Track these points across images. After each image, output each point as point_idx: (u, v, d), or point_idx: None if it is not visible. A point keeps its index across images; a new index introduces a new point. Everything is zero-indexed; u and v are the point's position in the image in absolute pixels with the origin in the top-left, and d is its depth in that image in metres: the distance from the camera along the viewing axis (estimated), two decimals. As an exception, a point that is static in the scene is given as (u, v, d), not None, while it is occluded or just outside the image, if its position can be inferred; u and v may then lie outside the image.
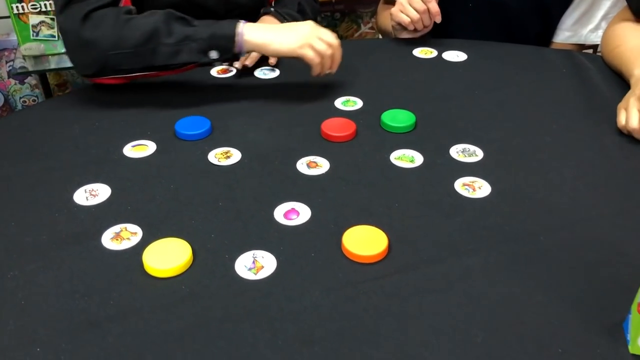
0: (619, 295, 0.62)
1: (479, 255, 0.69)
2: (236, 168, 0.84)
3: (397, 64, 1.14)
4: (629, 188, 0.79)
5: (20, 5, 1.70)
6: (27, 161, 0.86)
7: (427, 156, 0.86)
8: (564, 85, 1.05)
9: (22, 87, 2.02)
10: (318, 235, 0.72)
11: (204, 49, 0.94)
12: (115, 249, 0.70)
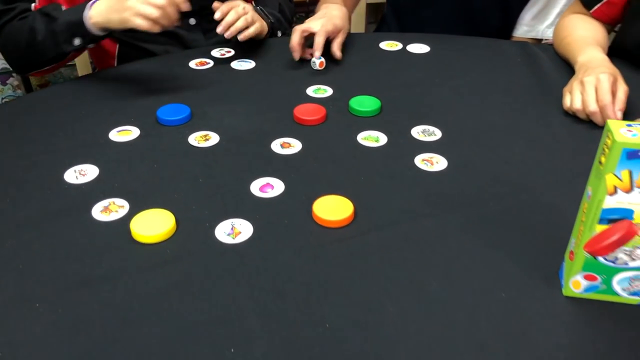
0: (556, 250, 0.70)
1: (435, 219, 0.76)
2: (215, 149, 0.91)
3: (365, 56, 1.22)
4: (571, 161, 0.88)
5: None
6: (18, 147, 0.92)
7: (391, 136, 0.94)
8: (517, 72, 1.14)
9: (4, 88, 2.06)
10: (290, 205, 0.79)
11: (68, 38, 1.05)
12: (104, 220, 0.76)
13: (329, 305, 0.64)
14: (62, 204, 0.79)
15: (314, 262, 0.70)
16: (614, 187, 0.57)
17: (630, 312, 0.64)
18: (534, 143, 0.92)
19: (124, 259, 0.70)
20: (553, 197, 0.80)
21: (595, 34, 1.15)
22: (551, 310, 0.64)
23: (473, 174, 0.85)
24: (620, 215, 0.59)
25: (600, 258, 0.62)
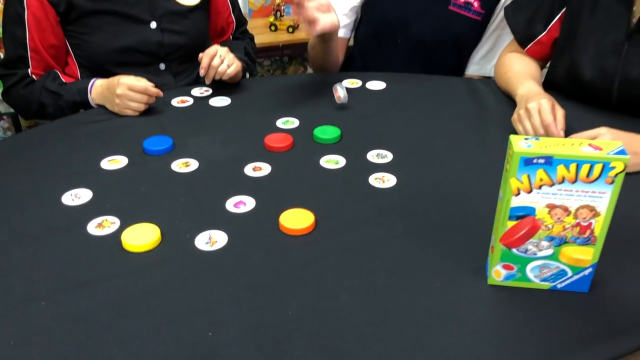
0: (485, 249, 0.83)
1: (383, 226, 0.90)
2: (195, 174, 1.04)
3: (328, 92, 1.36)
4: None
5: None
6: (20, 175, 1.04)
7: (349, 160, 1.07)
8: (462, 104, 1.30)
9: (-5, 130, 2.17)
10: (260, 218, 0.92)
11: (74, 110, 1.29)
12: (98, 235, 0.88)
13: (291, 295, 0.76)
14: (61, 222, 0.91)
15: (279, 262, 0.82)
16: (517, 189, 0.71)
17: (542, 295, 0.77)
18: (472, 162, 1.07)
19: (116, 265, 0.82)
20: (486, 207, 0.93)
21: (531, 69, 1.32)
22: (478, 295, 0.77)
23: (418, 189, 0.99)
24: (525, 212, 0.72)
25: (513, 250, 0.75)
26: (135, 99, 1.20)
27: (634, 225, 0.90)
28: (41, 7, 1.26)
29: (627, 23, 1.15)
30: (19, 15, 1.25)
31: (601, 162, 0.67)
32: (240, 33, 1.58)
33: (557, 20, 1.28)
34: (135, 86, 1.19)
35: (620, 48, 1.16)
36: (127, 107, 1.21)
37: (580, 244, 0.73)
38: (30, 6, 1.25)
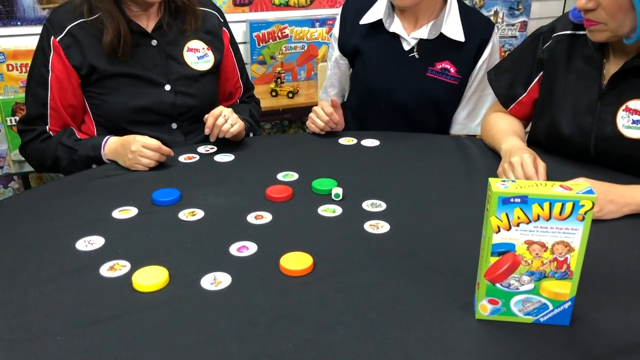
0: (473, 287, 0.89)
1: (377, 267, 0.96)
2: (200, 222, 1.11)
3: (326, 149, 1.45)
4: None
5: (13, 118, 2.00)
6: (37, 224, 1.11)
7: (345, 208, 1.15)
8: (451, 158, 1.38)
9: (6, 191, 2.25)
10: (262, 261, 0.98)
11: (87, 165, 1.38)
12: (110, 277, 0.94)
13: (291, 330, 0.82)
14: (75, 266, 0.97)
15: (280, 300, 0.88)
16: (497, 227, 0.78)
17: (526, 329, 0.82)
18: (460, 211, 1.14)
19: (126, 303, 0.87)
20: (473, 251, 0.99)
21: (514, 126, 1.41)
22: (466, 329, 0.82)
23: (410, 235, 1.06)
24: (506, 249, 0.79)
25: (497, 285, 0.81)
26: (147, 156, 1.29)
27: (609, 265, 0.97)
28: (65, 70, 1.37)
29: (599, 84, 1.25)
30: (44, 77, 1.36)
31: (571, 200, 0.75)
32: (247, 97, 1.69)
33: (535, 83, 1.39)
34: (149, 144, 1.28)
35: (594, 107, 1.26)
36: (138, 163, 1.29)
37: (559, 278, 0.80)
38: (55, 69, 1.36)
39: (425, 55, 1.54)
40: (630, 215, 1.11)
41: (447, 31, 1.51)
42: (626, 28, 1.12)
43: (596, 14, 1.13)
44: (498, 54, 1.58)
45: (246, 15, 2.48)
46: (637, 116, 1.21)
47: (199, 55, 1.50)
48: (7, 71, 2.15)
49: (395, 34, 1.54)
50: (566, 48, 1.31)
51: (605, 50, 1.25)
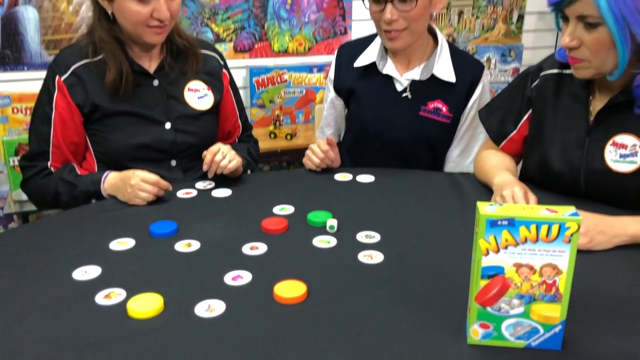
0: (465, 313, 0.90)
1: (371, 295, 0.97)
2: (196, 253, 1.12)
3: (322, 184, 1.48)
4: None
5: (16, 158, 2.03)
6: (35, 254, 1.12)
7: (340, 240, 1.16)
8: (444, 193, 1.41)
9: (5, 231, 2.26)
10: (256, 289, 0.99)
11: (87, 200, 1.39)
12: (105, 304, 0.95)
13: (284, 355, 0.82)
14: (71, 294, 0.98)
15: (273, 327, 0.89)
16: (486, 249, 0.79)
17: (518, 353, 0.82)
18: (454, 243, 1.15)
19: (121, 329, 0.88)
20: (466, 279, 1.00)
21: (506, 162, 1.44)
22: (458, 354, 0.83)
23: (404, 265, 1.07)
24: (495, 272, 0.80)
25: (488, 308, 0.82)
26: (146, 190, 1.31)
27: (599, 293, 0.98)
28: (68, 108, 1.41)
29: (586, 121, 1.29)
30: (47, 115, 1.40)
31: (557, 222, 0.77)
32: (245, 137, 1.72)
33: (525, 120, 1.42)
34: (148, 178, 1.31)
35: (582, 142, 1.29)
36: (137, 197, 1.32)
37: (548, 301, 0.80)
38: (58, 107, 1.40)
39: (418, 95, 1.58)
40: (621, 246, 1.12)
41: (438, 72, 1.56)
42: (609, 65, 1.16)
43: (580, 52, 1.17)
44: (489, 94, 1.63)
45: (246, 61, 2.56)
46: (624, 150, 1.24)
47: (199, 95, 1.54)
48: (12, 114, 2.21)
49: (389, 75, 1.59)
50: (553, 86, 1.36)
51: (591, 88, 1.30)
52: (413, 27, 1.48)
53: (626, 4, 1.07)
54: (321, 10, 2.64)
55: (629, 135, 1.23)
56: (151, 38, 1.39)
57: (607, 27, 1.10)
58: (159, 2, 1.34)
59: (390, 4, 1.44)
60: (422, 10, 1.46)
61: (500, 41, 3.00)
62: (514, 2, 3.02)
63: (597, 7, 1.09)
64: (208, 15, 2.47)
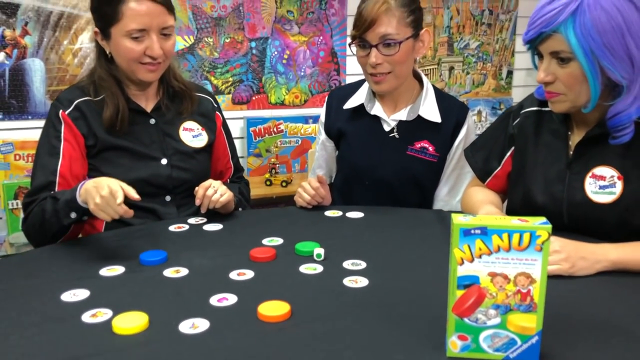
0: (445, 329, 0.91)
1: (354, 315, 0.98)
2: (184, 279, 1.14)
3: (312, 220, 1.51)
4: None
5: (15, 202, 2.07)
6: (24, 280, 1.14)
7: (326, 267, 1.18)
8: (430, 227, 1.43)
9: (-1, 275, 2.27)
10: (241, 309, 1.00)
11: (67, 213, 1.33)
12: (92, 322, 0.96)
13: (265, 367, 0.83)
14: (59, 313, 0.99)
15: (256, 343, 0.90)
16: (461, 259, 0.82)
17: (497, 365, 0.83)
18: (438, 269, 1.15)
19: (106, 344, 0.89)
20: (442, 301, 1.02)
21: (491, 197, 1.48)
22: (437, 366, 0.83)
23: (388, 288, 1.08)
24: (471, 281, 0.82)
25: (465, 319, 0.83)
26: (113, 208, 1.24)
27: (579, 312, 0.99)
28: (75, 140, 1.46)
29: (566, 154, 1.33)
30: (55, 147, 1.44)
31: (528, 231, 0.79)
32: (237, 178, 1.77)
33: (508, 157, 1.47)
34: (116, 192, 1.23)
35: (563, 176, 1.33)
36: (103, 211, 1.25)
37: (524, 311, 0.82)
38: (66, 139, 1.45)
39: (405, 135, 1.64)
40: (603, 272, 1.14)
41: (424, 113, 1.62)
42: (583, 98, 1.22)
43: (555, 86, 1.23)
44: (474, 134, 1.68)
45: (244, 113, 2.65)
46: (602, 182, 1.27)
47: (193, 134, 1.60)
48: (14, 160, 2.27)
49: (377, 116, 1.65)
50: (533, 123, 1.41)
51: (569, 123, 1.35)
52: (397, 70, 1.56)
53: (594, 40, 1.14)
54: (316, 65, 2.75)
55: (606, 167, 1.27)
56: (144, 75, 1.47)
57: (578, 61, 1.16)
58: (152, 40, 1.42)
59: (375, 49, 1.52)
60: (405, 54, 1.54)
61: (490, 95, 3.10)
62: (503, 59, 3.14)
63: (567, 43, 1.16)
64: (208, 68, 2.57)
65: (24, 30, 2.28)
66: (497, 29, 3.09)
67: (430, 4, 2.92)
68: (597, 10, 1.13)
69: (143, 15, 1.40)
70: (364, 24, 1.52)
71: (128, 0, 1.40)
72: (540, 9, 1.19)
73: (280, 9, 2.65)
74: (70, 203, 1.33)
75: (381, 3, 1.51)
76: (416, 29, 1.57)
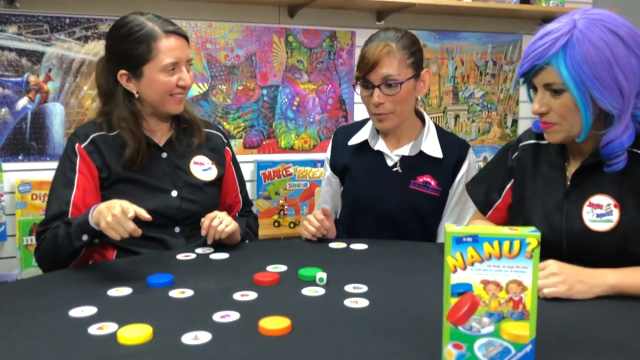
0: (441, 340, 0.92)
1: (353, 329, 1.00)
2: (189, 299, 1.17)
3: (316, 250, 1.54)
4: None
5: (30, 238, 2.13)
6: (35, 298, 1.18)
7: (328, 290, 1.20)
8: (432, 258, 1.45)
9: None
10: (243, 325, 1.03)
11: (78, 235, 1.39)
12: (98, 334, 0.99)
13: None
14: (66, 326, 1.03)
15: (256, 355, 0.92)
16: (454, 267, 0.85)
17: (492, 374, 0.84)
18: (437, 293, 1.18)
19: (111, 354, 0.92)
20: (439, 319, 1.04)
21: (492, 230, 1.50)
22: (433, 375, 0.85)
23: (388, 308, 1.10)
24: (464, 289, 0.85)
25: (460, 328, 0.85)
26: (123, 225, 1.29)
27: (573, 329, 1.00)
28: (89, 172, 1.53)
29: (564, 185, 1.37)
30: (70, 178, 1.51)
31: (518, 238, 0.82)
32: (245, 212, 1.82)
33: (508, 189, 1.51)
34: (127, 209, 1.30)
35: (561, 205, 1.36)
36: (114, 229, 1.30)
37: (517, 319, 0.84)
38: (81, 171, 1.51)
39: (408, 169, 1.69)
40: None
41: (426, 149, 1.68)
42: (577, 128, 1.26)
43: (550, 117, 1.28)
44: (475, 170, 1.72)
45: (255, 156, 2.72)
46: (599, 210, 1.30)
47: (203, 168, 1.66)
48: (31, 200, 2.34)
49: (380, 151, 1.71)
50: (531, 155, 1.45)
51: (565, 154, 1.39)
52: (399, 109, 1.63)
53: (584, 72, 1.19)
54: (325, 111, 2.84)
55: (603, 195, 1.30)
56: (174, 107, 1.57)
57: (570, 92, 1.22)
58: (183, 71, 1.54)
59: (377, 89, 1.60)
60: (406, 94, 1.61)
61: (496, 142, 3.16)
62: (508, 108, 3.22)
63: (559, 75, 1.21)
64: (221, 114, 2.67)
65: (47, 76, 2.40)
66: (501, 79, 3.18)
67: (436, 55, 3.03)
68: (585, 44, 1.19)
69: (175, 50, 1.53)
70: (367, 65, 1.60)
71: (160, 39, 1.52)
72: (532, 44, 1.26)
73: (291, 59, 2.76)
74: (83, 225, 1.38)
75: (383, 46, 1.59)
76: (417, 69, 1.64)
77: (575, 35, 1.20)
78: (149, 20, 1.54)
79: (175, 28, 1.56)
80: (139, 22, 1.53)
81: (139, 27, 1.52)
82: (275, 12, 2.73)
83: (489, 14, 3.04)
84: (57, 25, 2.40)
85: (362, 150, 1.74)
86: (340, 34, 2.83)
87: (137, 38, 1.52)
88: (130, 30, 1.53)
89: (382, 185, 1.69)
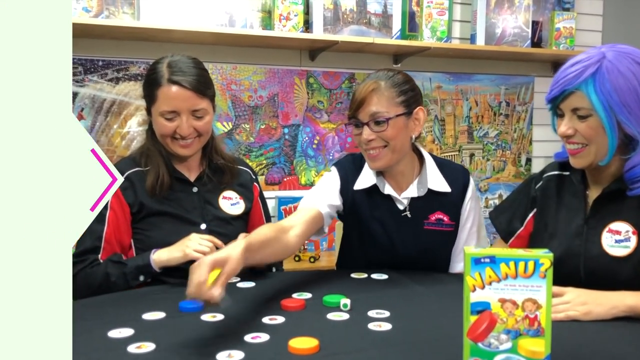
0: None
1: (377, 350, 1.06)
2: (221, 321, 1.23)
3: (339, 281, 1.60)
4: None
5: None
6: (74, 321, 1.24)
7: (352, 315, 1.26)
8: (454, 284, 1.50)
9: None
10: (273, 345, 1.09)
11: (135, 276, 1.53)
12: (138, 352, 1.06)
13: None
14: (106, 346, 1.10)
15: (287, 368, 0.98)
16: (473, 286, 0.91)
17: (511, 389, 0.89)
18: (459, 317, 1.24)
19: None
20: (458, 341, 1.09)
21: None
22: (454, 389, 0.90)
23: (411, 331, 1.16)
24: (483, 307, 0.90)
25: (479, 344, 0.91)
26: (204, 243, 1.50)
27: (587, 346, 1.04)
28: (121, 209, 1.62)
29: (584, 211, 1.43)
30: (102, 214, 1.59)
31: (532, 259, 0.89)
32: None
33: (530, 217, 1.56)
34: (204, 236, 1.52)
35: (581, 231, 1.41)
36: (195, 248, 1.48)
37: (533, 335, 0.89)
38: (113, 207, 1.60)
39: (418, 211, 1.70)
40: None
41: (433, 186, 1.69)
42: (603, 151, 1.33)
43: (576, 138, 1.35)
44: (476, 192, 1.77)
45: (276, 193, 2.81)
46: (618, 236, 1.36)
47: (232, 202, 1.75)
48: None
49: (389, 195, 1.71)
50: (555, 186, 1.52)
51: (586, 182, 1.46)
52: (392, 145, 1.62)
53: (612, 98, 1.28)
54: (344, 149, 2.94)
55: (622, 222, 1.36)
56: (178, 150, 1.65)
57: (597, 116, 1.30)
58: (181, 120, 1.60)
59: (366, 126, 1.61)
60: (395, 131, 1.60)
61: (511, 180, 3.22)
62: (521, 147, 3.29)
63: (588, 100, 1.30)
64: (244, 151, 2.77)
65: (80, 115, 2.53)
66: (514, 119, 3.26)
67: (451, 96, 3.13)
68: (614, 73, 1.29)
69: (172, 99, 1.59)
70: (355, 103, 1.63)
71: (162, 85, 1.60)
72: (563, 71, 1.35)
73: (312, 99, 2.88)
74: (142, 268, 1.53)
75: (370, 84, 1.62)
76: (408, 107, 1.63)
77: (604, 65, 1.29)
78: (164, 66, 1.62)
79: (182, 79, 1.58)
80: (155, 67, 1.64)
81: (153, 71, 1.64)
82: (297, 55, 2.86)
83: (501, 57, 3.14)
84: (91, 67, 2.54)
85: (371, 194, 1.72)
86: (359, 76, 2.95)
87: (148, 80, 1.66)
88: (148, 72, 1.67)
89: (398, 231, 1.70)
